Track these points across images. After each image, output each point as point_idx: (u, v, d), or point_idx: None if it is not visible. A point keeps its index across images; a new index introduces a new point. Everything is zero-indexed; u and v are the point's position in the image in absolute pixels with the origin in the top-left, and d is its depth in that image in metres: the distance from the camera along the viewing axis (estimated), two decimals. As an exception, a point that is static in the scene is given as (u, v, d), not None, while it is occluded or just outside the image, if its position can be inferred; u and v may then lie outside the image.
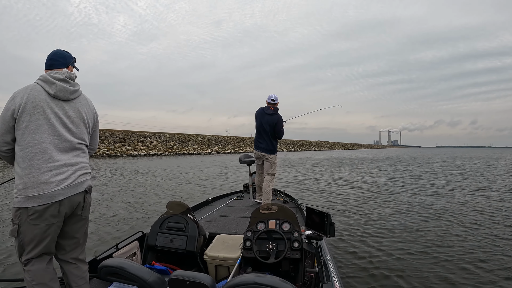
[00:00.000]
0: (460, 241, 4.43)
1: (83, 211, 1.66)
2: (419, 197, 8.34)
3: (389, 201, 7.63)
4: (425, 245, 4.25)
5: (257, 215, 2.56)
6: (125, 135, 37.94)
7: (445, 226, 5.23)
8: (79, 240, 1.70)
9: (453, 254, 3.90)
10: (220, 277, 2.44)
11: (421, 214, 6.20)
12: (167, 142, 42.07)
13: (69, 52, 1.78)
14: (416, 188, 10.15)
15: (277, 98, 4.57)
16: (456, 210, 6.53)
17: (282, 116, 4.51)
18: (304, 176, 14.25)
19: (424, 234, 4.75)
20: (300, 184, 11.18)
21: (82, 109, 1.69)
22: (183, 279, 1.51)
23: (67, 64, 1.74)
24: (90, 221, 1.97)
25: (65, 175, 1.54)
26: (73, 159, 1.60)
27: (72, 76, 1.68)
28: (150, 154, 35.72)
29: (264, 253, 2.28)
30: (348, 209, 6.67)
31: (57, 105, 1.59)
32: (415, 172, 16.43)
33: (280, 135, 4.51)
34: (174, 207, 2.76)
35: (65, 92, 1.60)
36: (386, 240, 4.45)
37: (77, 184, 1.58)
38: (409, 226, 5.24)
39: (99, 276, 1.84)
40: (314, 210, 2.29)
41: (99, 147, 32.78)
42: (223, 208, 4.27)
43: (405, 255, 3.87)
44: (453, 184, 11.15)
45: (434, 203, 7.35)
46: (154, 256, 2.59)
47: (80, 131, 1.66)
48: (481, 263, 3.62)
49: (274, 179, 4.56)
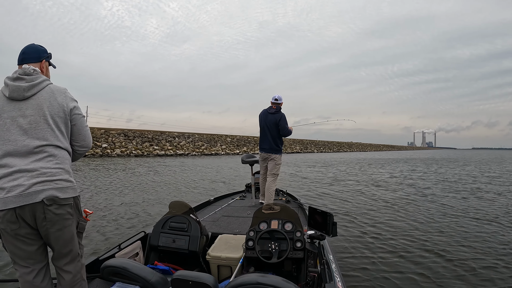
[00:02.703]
0: (468, 243, 4.40)
1: (47, 222, 1.41)
2: (425, 197, 8.30)
3: (393, 201, 7.60)
4: (429, 246, 4.23)
5: (260, 215, 2.56)
6: (154, 135, 38.35)
7: (450, 227, 5.20)
8: (59, 251, 1.50)
9: (460, 256, 3.87)
10: (222, 277, 2.44)
11: (426, 214, 6.17)
12: (195, 142, 42.31)
13: (43, 47, 1.66)
14: (423, 188, 10.11)
15: (281, 98, 4.57)
16: (468, 211, 6.49)
17: (285, 115, 4.50)
18: (309, 175, 14.23)
19: (429, 235, 4.72)
20: (301, 184, 11.17)
21: (44, 104, 1.48)
22: (186, 279, 1.51)
23: (40, 59, 1.62)
24: (92, 220, 1.95)
25: (18, 182, 1.38)
26: (30, 165, 1.41)
27: (28, 71, 1.51)
28: (178, 154, 36.17)
29: (266, 253, 2.28)
30: (351, 209, 6.65)
31: (14, 106, 1.47)
32: (423, 172, 16.35)
33: (285, 131, 4.46)
34: (176, 207, 2.76)
35: (18, 91, 1.46)
36: (389, 240, 4.43)
37: (31, 193, 1.37)
38: (413, 226, 5.22)
39: (101, 276, 1.84)
40: (316, 210, 2.29)
41: (127, 147, 33.03)
42: (225, 208, 4.27)
43: (408, 255, 3.86)
44: (465, 186, 11.09)
45: (440, 204, 7.31)
46: (157, 256, 2.59)
47: (39, 130, 1.46)
48: (488, 267, 3.60)
49: (277, 180, 4.55)
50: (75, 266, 1.54)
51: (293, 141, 68.33)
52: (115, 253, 2.26)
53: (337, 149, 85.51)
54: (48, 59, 1.68)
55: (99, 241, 4.31)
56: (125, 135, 35.24)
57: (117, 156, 30.26)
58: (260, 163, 4.71)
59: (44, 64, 1.65)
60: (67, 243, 1.50)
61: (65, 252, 1.50)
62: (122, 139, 34.25)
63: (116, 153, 31.13)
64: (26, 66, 1.56)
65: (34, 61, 1.60)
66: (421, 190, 9.45)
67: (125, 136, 35.09)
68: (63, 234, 1.47)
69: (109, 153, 30.55)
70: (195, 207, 3.97)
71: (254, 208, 4.19)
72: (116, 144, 32.88)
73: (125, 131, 36.03)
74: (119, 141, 33.60)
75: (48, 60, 1.68)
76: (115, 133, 34.50)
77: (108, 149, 31.22)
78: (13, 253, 1.44)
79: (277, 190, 5.25)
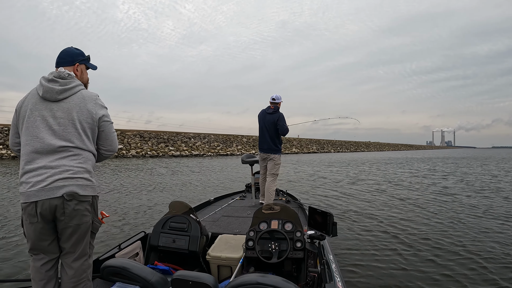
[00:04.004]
0: (468, 243, 4.39)
1: (65, 217, 1.52)
2: (428, 196, 8.29)
3: (394, 201, 7.60)
4: (430, 245, 4.22)
5: (260, 215, 2.56)
6: (169, 136, 38.60)
7: (452, 227, 5.19)
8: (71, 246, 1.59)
9: (462, 255, 3.86)
10: (222, 277, 2.44)
11: (427, 214, 6.17)
12: (211, 143, 42.43)
13: (80, 50, 1.75)
14: (426, 188, 10.11)
15: (279, 97, 4.57)
16: (470, 212, 6.49)
17: (283, 114, 4.51)
18: (313, 175, 14.23)
19: (430, 235, 4.71)
20: (304, 183, 11.17)
21: (74, 109, 1.59)
22: (186, 279, 1.51)
23: (74, 62, 1.71)
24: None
25: (41, 178, 1.49)
26: (54, 162, 1.52)
27: (63, 75, 1.61)
28: (193, 154, 36.33)
29: (266, 253, 2.28)
30: (351, 208, 6.65)
31: (46, 106, 1.57)
32: (427, 171, 16.36)
33: (283, 130, 4.45)
34: (176, 207, 2.77)
35: (51, 93, 1.57)
36: (389, 240, 4.43)
37: (53, 188, 1.49)
38: (414, 226, 5.21)
39: (101, 276, 1.85)
40: (316, 210, 2.29)
41: (142, 148, 33.50)
42: (225, 208, 4.28)
43: (409, 255, 3.85)
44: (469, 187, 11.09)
45: (442, 204, 7.31)
46: (157, 256, 2.60)
47: (66, 133, 1.56)
48: (488, 266, 3.60)
49: (277, 180, 4.56)
50: (81, 264, 1.61)
51: (310, 141, 68.19)
52: (115, 253, 2.26)
53: (354, 149, 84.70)
54: (84, 62, 1.76)
55: (99, 241, 4.31)
56: (141, 136, 35.60)
57: (132, 157, 30.60)
58: (260, 163, 4.71)
59: (79, 67, 1.73)
60: (80, 239, 1.59)
61: (75, 248, 1.59)
62: (138, 140, 34.64)
63: (132, 154, 31.56)
64: (62, 69, 1.66)
65: (67, 64, 1.69)
66: (421, 190, 9.44)
67: (140, 137, 35.46)
68: (79, 229, 1.57)
69: (124, 154, 30.98)
70: (195, 207, 3.97)
71: (254, 208, 4.19)
72: (131, 145, 33.33)
73: (141, 132, 36.38)
74: (135, 142, 34.03)
75: (85, 63, 1.77)
76: (131, 135, 34.87)
77: (124, 150, 31.70)
78: (29, 240, 1.57)
79: (277, 190, 5.25)
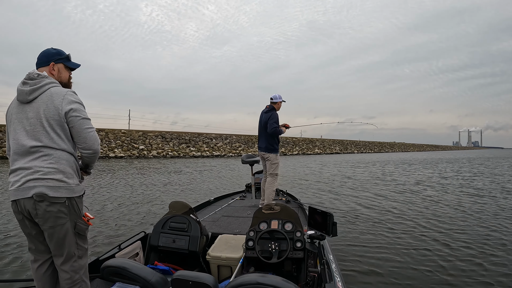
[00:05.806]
0: (470, 241, 4.40)
1: (39, 219, 1.51)
2: (427, 197, 8.29)
3: (394, 201, 7.60)
4: (431, 246, 4.22)
5: (260, 215, 2.56)
6: (191, 136, 38.85)
7: (453, 226, 5.19)
8: (54, 249, 1.57)
9: (463, 256, 3.85)
10: (222, 277, 2.45)
11: (427, 214, 6.17)
12: (233, 143, 42.57)
13: (57, 49, 1.73)
14: (426, 188, 10.11)
15: (276, 97, 4.53)
16: (468, 211, 6.49)
17: (277, 114, 4.47)
18: (314, 175, 14.23)
19: (431, 235, 4.71)
20: (304, 183, 11.17)
21: (41, 107, 1.57)
22: (186, 279, 1.51)
23: (49, 62, 1.69)
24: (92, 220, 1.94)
25: (17, 178, 1.54)
26: (28, 163, 1.54)
27: (32, 76, 1.60)
28: (214, 155, 36.49)
29: (266, 253, 2.28)
30: (351, 208, 6.65)
31: (22, 109, 1.60)
32: (429, 172, 16.35)
33: (269, 128, 4.28)
34: (176, 207, 2.77)
35: (23, 95, 1.59)
36: (389, 240, 4.43)
37: (25, 188, 1.51)
38: (414, 226, 5.21)
39: (101, 276, 1.85)
40: (316, 210, 2.29)
41: (163, 148, 33.72)
42: (225, 208, 4.28)
43: (409, 255, 3.85)
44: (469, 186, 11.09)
45: (440, 204, 7.31)
46: (157, 256, 2.60)
47: (36, 132, 1.55)
48: (485, 268, 3.60)
49: (277, 179, 4.54)
50: (71, 266, 1.58)
51: (333, 141, 68.12)
52: (115, 253, 2.26)
53: (378, 150, 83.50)
54: (62, 61, 1.72)
55: (99, 241, 4.31)
56: (163, 137, 35.80)
57: (153, 157, 30.81)
58: (261, 162, 4.70)
59: (55, 66, 1.70)
60: (61, 242, 1.55)
61: (59, 251, 1.56)
62: (159, 141, 34.87)
63: (153, 154, 31.89)
64: (32, 70, 1.66)
65: (43, 65, 1.70)
66: (423, 190, 9.44)
67: (162, 138, 35.67)
68: (56, 233, 1.54)
69: (145, 155, 31.37)
70: (195, 207, 3.97)
71: (254, 208, 4.19)
72: (153, 145, 33.63)
73: (163, 133, 36.65)
74: (156, 143, 34.31)
75: (63, 62, 1.73)
76: (153, 135, 35.17)
77: (145, 150, 32.08)
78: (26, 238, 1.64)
79: (277, 190, 5.25)
